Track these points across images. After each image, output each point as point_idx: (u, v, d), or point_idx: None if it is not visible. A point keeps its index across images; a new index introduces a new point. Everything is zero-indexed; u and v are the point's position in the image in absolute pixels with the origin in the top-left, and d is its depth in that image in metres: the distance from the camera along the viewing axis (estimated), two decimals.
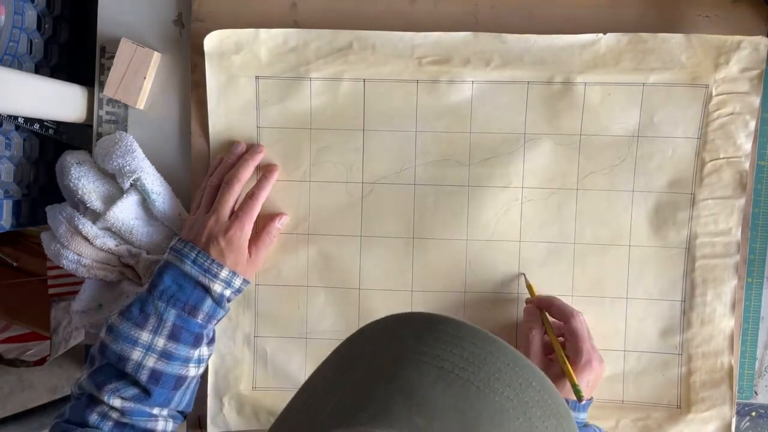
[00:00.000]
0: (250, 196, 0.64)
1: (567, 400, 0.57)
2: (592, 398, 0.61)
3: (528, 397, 0.34)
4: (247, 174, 0.65)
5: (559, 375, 0.59)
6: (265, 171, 0.67)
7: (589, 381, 0.59)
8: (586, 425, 0.61)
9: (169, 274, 0.61)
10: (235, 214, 0.63)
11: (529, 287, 0.66)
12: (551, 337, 0.62)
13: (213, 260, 0.61)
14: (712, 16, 0.65)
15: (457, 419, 0.32)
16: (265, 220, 0.67)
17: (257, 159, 0.66)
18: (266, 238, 0.66)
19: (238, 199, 0.65)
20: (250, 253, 0.64)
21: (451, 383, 0.33)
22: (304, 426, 0.33)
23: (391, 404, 0.33)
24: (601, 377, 0.61)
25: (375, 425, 0.31)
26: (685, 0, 0.65)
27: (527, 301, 0.66)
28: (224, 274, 0.62)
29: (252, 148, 0.67)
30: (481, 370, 0.34)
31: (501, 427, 0.33)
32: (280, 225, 0.67)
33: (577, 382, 0.57)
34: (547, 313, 0.63)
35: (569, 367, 0.58)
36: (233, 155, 0.66)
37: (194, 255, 0.61)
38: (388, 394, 0.33)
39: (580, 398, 0.56)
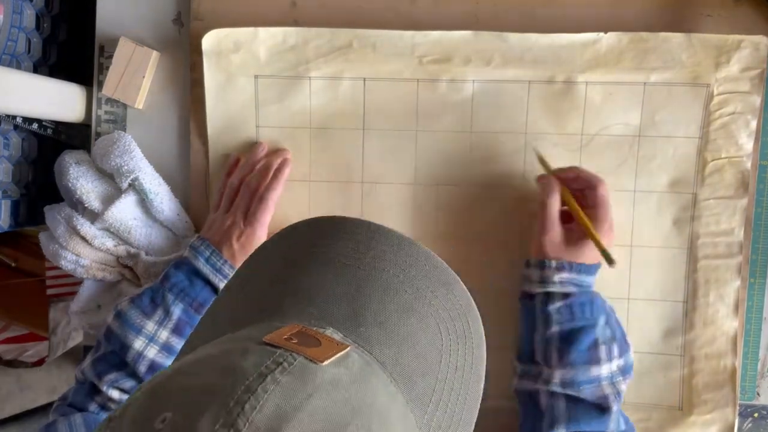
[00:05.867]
0: (260, 199, 0.63)
1: (583, 264, 0.59)
2: (600, 264, 0.61)
3: (415, 272, 0.37)
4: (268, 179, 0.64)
5: (580, 239, 0.59)
6: (275, 170, 0.65)
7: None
8: (593, 295, 0.60)
9: (183, 269, 0.62)
10: (248, 219, 0.63)
11: (542, 160, 0.63)
12: (572, 205, 0.60)
13: (225, 261, 0.62)
14: (715, 15, 0.65)
15: (347, 303, 0.35)
16: None
17: (281, 164, 0.65)
18: None
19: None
20: None
21: (339, 272, 0.36)
22: (209, 338, 0.35)
23: (283, 302, 0.36)
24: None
25: (271, 320, 0.34)
26: None
27: (540, 178, 0.63)
28: None
29: (277, 153, 0.66)
30: (366, 255, 0.37)
31: (390, 302, 0.35)
32: None
33: (604, 246, 0.57)
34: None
35: (594, 231, 0.58)
36: (255, 156, 0.66)
37: (208, 253, 0.62)
38: (280, 294, 0.36)
39: (610, 262, 0.57)
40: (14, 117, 0.68)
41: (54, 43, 0.74)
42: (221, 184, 0.67)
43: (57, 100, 0.67)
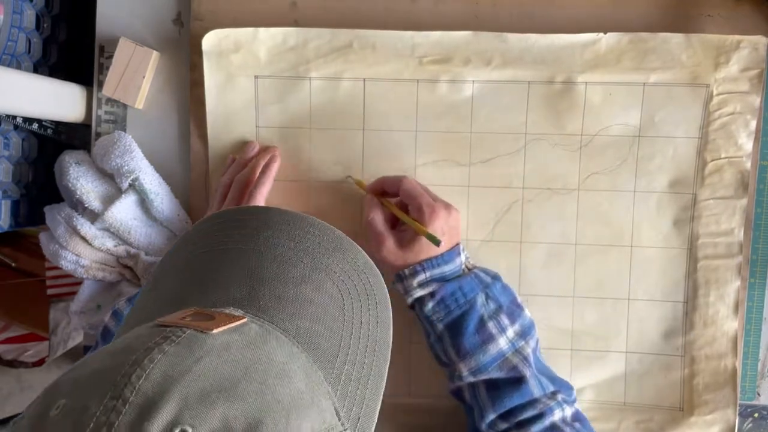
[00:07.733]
0: (250, 196, 0.63)
1: (433, 258, 0.59)
2: (458, 244, 0.61)
3: (309, 242, 0.40)
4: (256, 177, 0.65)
5: (413, 237, 0.59)
6: (264, 167, 0.65)
7: (443, 229, 0.59)
8: (465, 272, 0.60)
9: None
10: None
11: (359, 183, 0.66)
12: (390, 207, 0.62)
13: None
14: (715, 15, 0.65)
15: (245, 283, 0.37)
16: None
17: (268, 160, 0.66)
18: None
19: None
20: None
21: (235, 258, 0.39)
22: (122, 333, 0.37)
23: (186, 293, 0.38)
24: (457, 222, 0.61)
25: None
26: None
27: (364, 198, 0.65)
28: None
29: (266, 150, 0.66)
30: (260, 236, 0.40)
31: (286, 274, 0.38)
32: None
33: (426, 230, 0.57)
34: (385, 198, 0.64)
35: (415, 221, 0.58)
36: (246, 155, 0.66)
37: None
38: (184, 287, 0.39)
39: (436, 242, 0.57)
40: (14, 117, 0.68)
41: (54, 43, 0.74)
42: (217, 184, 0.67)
43: (57, 100, 0.67)
